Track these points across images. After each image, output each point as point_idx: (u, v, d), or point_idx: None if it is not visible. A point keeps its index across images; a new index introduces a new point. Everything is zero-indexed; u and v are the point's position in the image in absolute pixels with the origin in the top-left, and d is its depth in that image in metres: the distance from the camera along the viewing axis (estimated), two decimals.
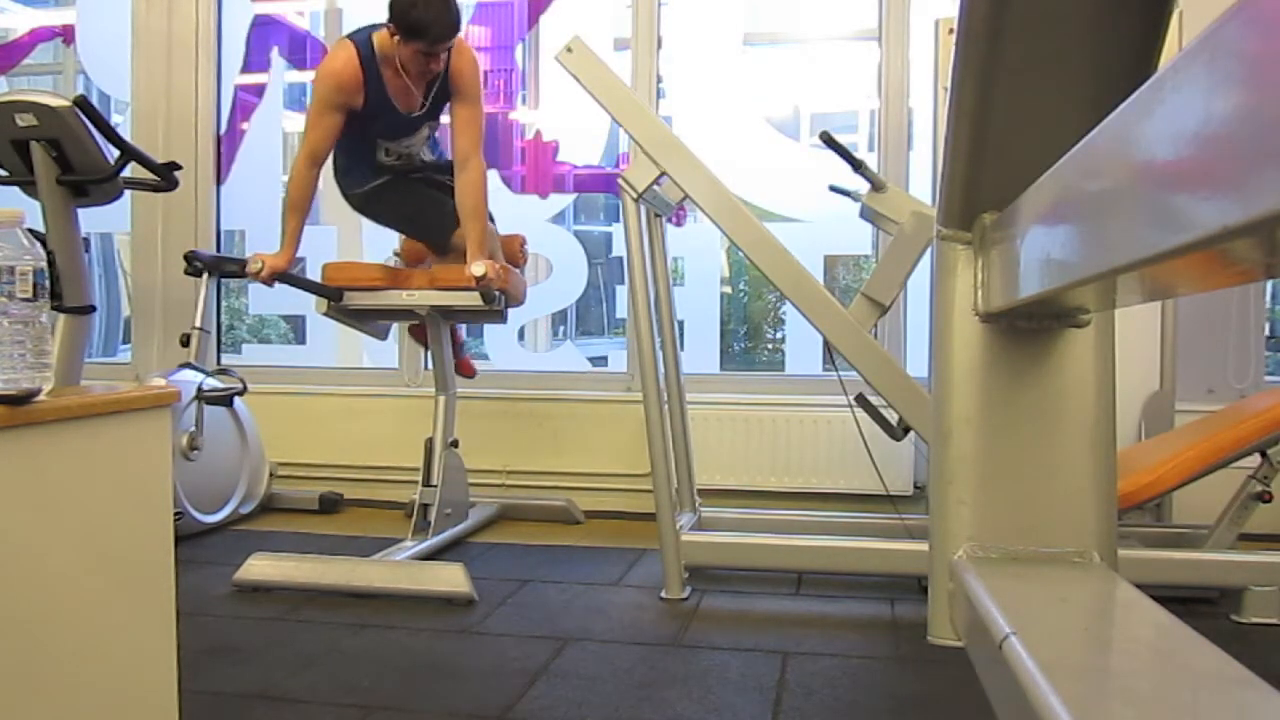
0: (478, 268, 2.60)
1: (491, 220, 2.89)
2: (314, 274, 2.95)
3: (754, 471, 3.32)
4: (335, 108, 2.63)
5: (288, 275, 2.81)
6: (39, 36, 4.32)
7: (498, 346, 3.82)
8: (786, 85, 3.76)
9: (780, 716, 1.73)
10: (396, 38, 2.56)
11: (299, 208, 2.69)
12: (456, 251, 2.76)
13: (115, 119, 3.77)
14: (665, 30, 3.56)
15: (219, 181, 3.88)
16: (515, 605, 2.38)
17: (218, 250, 3.83)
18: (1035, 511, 1.06)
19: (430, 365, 3.08)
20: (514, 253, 3.03)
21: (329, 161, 2.75)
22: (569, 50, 2.41)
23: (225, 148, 3.89)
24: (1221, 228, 0.42)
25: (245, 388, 3.16)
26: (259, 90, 3.93)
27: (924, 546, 1.16)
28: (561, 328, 4.52)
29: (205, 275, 3.24)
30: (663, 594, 2.45)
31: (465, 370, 3.22)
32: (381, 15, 2.59)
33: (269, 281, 2.73)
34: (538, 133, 3.81)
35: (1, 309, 1.06)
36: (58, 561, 1.14)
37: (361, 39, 2.65)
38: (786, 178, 3.50)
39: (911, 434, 2.41)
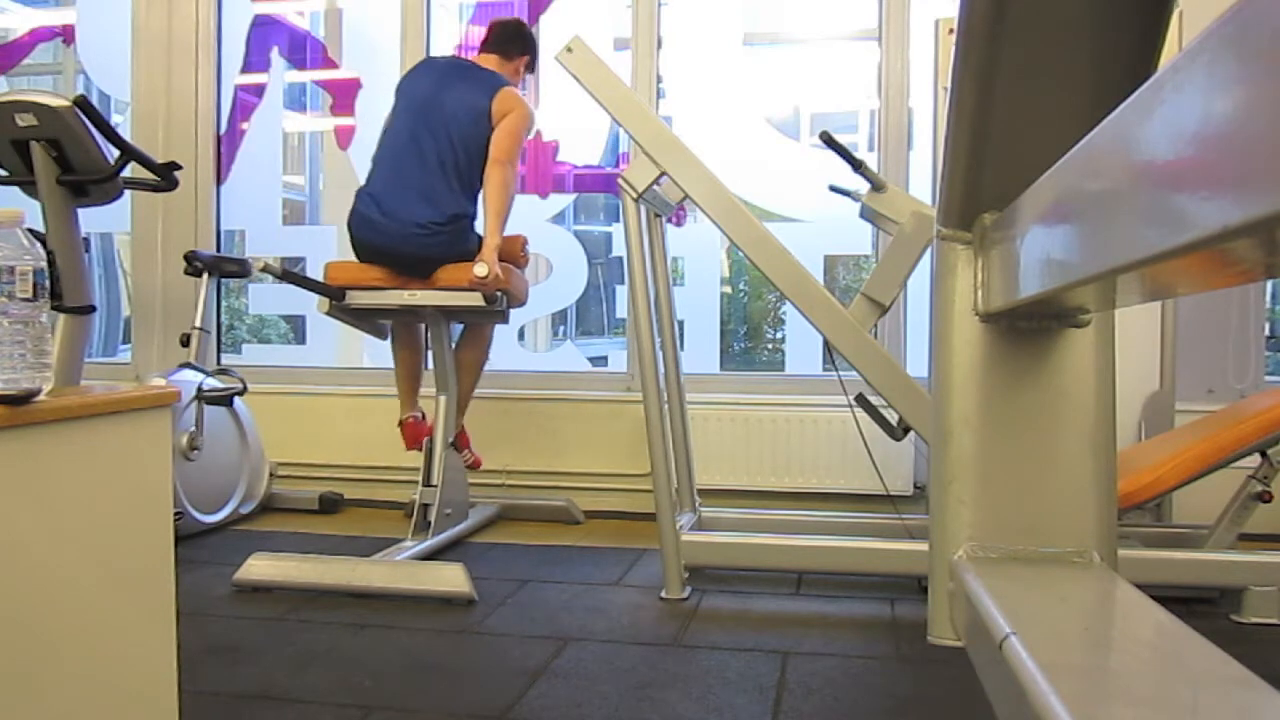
0: (480, 268, 2.61)
1: None
2: (315, 273, 2.95)
3: (754, 471, 3.32)
4: None
5: (290, 274, 2.81)
6: (39, 36, 4.32)
7: (498, 346, 3.81)
8: (786, 85, 3.76)
9: (780, 716, 1.73)
10: (526, 71, 3.08)
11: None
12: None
13: (115, 119, 3.78)
14: (665, 30, 3.56)
15: (219, 181, 3.88)
16: (515, 605, 2.38)
17: (218, 250, 3.83)
18: (1035, 511, 1.06)
19: (431, 365, 3.08)
20: (514, 253, 3.03)
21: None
22: (569, 50, 2.41)
23: (225, 148, 3.89)
24: (1221, 228, 0.42)
25: (245, 388, 3.16)
26: (259, 90, 3.93)
27: (924, 546, 1.16)
28: (561, 328, 4.53)
29: (205, 275, 3.25)
30: (663, 594, 2.45)
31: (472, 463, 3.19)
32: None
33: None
34: (538, 133, 3.81)
35: (1, 309, 1.06)
36: (58, 561, 1.14)
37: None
38: (786, 178, 3.50)
39: (911, 434, 2.41)
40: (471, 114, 2.82)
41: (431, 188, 2.77)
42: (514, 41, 3.03)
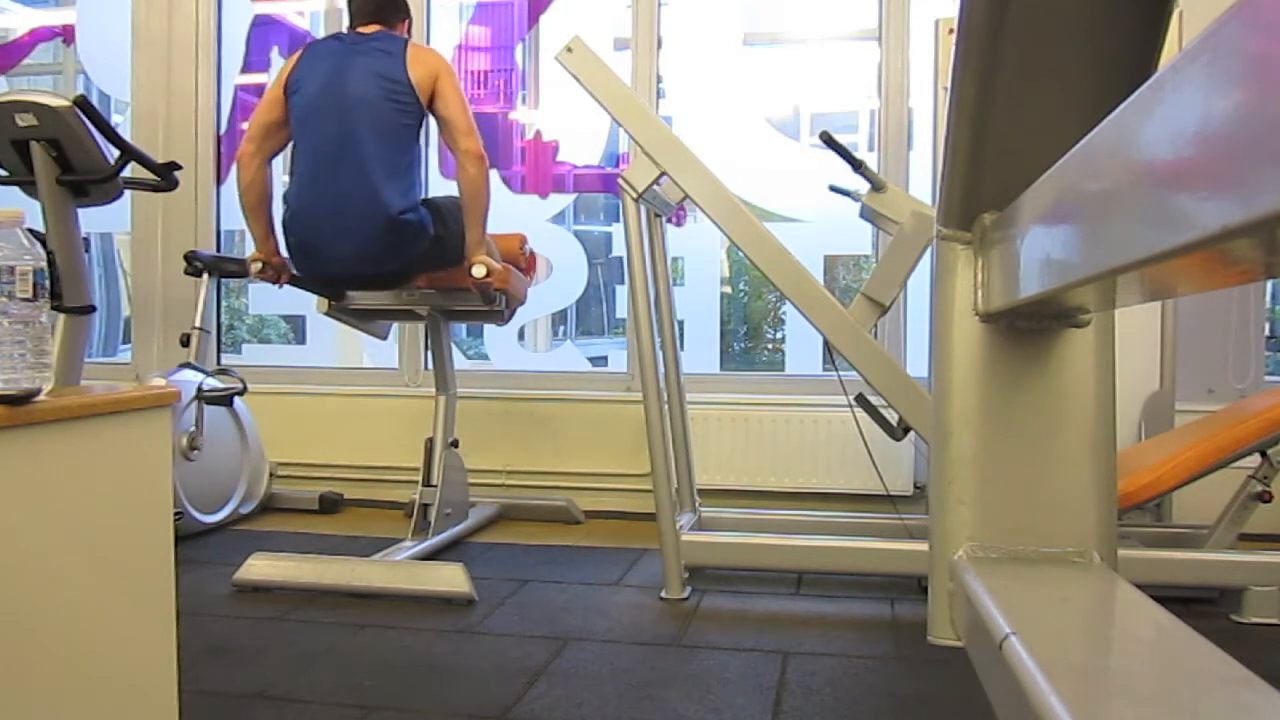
0: (478, 268, 2.60)
1: None
2: None
3: (754, 471, 3.32)
4: None
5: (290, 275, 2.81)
6: (39, 36, 4.32)
7: (498, 346, 3.82)
8: (786, 85, 3.76)
9: (780, 716, 1.73)
10: (408, 34, 2.73)
11: None
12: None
13: (115, 119, 3.78)
14: (665, 30, 3.56)
15: (219, 181, 3.88)
16: (515, 605, 2.38)
17: (218, 250, 3.83)
18: (1035, 511, 1.06)
19: (430, 365, 3.08)
20: (514, 253, 3.02)
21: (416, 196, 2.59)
22: (569, 50, 2.41)
23: (225, 148, 3.89)
24: (1221, 228, 0.42)
25: (245, 388, 3.16)
26: (259, 90, 3.93)
27: (924, 546, 1.16)
28: (561, 328, 4.53)
29: (205, 275, 3.25)
30: (663, 594, 2.45)
31: None
32: None
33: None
34: (538, 133, 3.81)
35: (1, 309, 1.06)
36: (58, 561, 1.14)
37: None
38: (786, 178, 3.50)
39: (911, 434, 2.41)
40: (383, 88, 2.50)
41: (354, 213, 2.48)
42: (392, 8, 2.69)
